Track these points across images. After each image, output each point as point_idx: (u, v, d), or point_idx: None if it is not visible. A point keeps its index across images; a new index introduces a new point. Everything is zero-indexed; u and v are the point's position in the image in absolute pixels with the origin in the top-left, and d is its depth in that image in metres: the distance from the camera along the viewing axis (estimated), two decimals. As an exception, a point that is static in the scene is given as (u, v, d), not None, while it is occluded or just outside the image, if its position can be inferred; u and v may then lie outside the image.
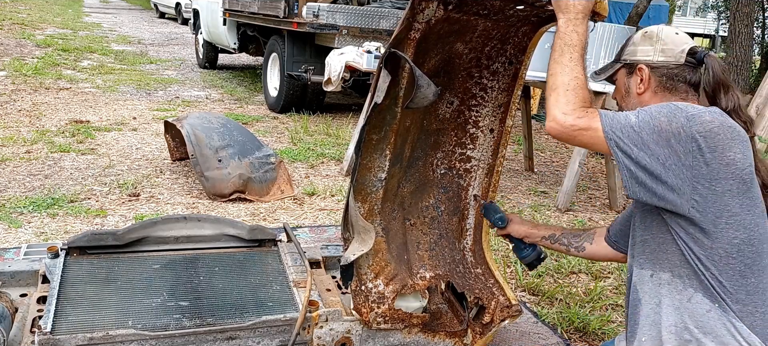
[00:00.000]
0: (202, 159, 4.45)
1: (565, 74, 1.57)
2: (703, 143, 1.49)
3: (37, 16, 16.24)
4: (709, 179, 1.51)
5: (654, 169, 1.50)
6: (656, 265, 1.66)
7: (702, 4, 20.14)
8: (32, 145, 5.40)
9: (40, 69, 9.01)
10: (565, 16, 1.61)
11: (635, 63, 1.76)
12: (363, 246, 1.94)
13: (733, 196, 1.53)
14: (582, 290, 3.49)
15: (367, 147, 1.94)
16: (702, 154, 1.49)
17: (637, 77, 1.76)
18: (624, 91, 1.82)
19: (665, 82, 1.72)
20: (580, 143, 1.60)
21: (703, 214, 1.53)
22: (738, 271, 1.56)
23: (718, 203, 1.52)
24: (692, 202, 1.52)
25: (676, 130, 1.49)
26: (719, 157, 1.50)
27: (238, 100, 8.57)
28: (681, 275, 1.61)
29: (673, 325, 1.61)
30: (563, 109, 1.55)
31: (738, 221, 1.54)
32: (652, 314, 1.67)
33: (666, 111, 1.53)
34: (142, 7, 26.34)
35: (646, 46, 1.75)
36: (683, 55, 1.71)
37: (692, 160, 1.49)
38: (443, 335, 2.13)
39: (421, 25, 1.78)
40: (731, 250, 1.55)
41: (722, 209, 1.53)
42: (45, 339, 1.67)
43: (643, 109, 1.57)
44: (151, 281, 2.06)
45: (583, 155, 4.84)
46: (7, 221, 3.74)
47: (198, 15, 11.12)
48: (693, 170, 1.50)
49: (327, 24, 6.97)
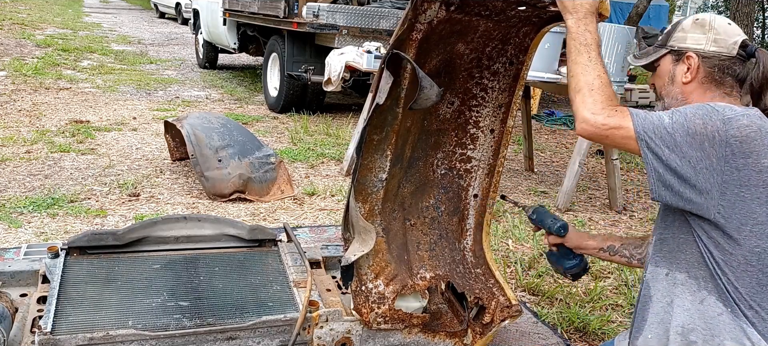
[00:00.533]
0: (202, 159, 4.45)
1: (588, 73, 1.54)
2: (738, 148, 1.45)
3: (37, 16, 16.23)
4: (738, 184, 1.47)
5: (684, 172, 1.47)
6: (673, 264, 1.64)
7: (702, 4, 20.15)
8: (32, 145, 5.40)
9: (40, 69, 9.00)
10: (573, 16, 1.58)
11: (684, 50, 1.67)
12: (363, 246, 1.94)
13: (761, 204, 1.50)
14: (582, 290, 3.49)
15: (368, 147, 1.94)
16: (734, 160, 1.46)
17: (685, 66, 1.67)
18: (667, 79, 1.72)
19: (714, 74, 1.64)
20: (612, 142, 1.55)
21: (727, 219, 1.50)
22: (756, 279, 1.53)
23: (745, 209, 1.49)
24: (719, 207, 1.49)
25: (711, 134, 1.46)
26: (753, 163, 1.47)
27: (238, 100, 8.57)
28: (697, 276, 1.59)
29: (681, 325, 1.60)
30: (592, 109, 1.51)
31: (762, 230, 1.51)
32: (662, 312, 1.65)
33: (702, 113, 1.49)
34: (142, 7, 26.34)
35: (698, 34, 1.66)
36: (736, 47, 1.62)
37: (724, 165, 1.46)
38: (443, 335, 2.13)
39: (423, 26, 1.78)
40: (751, 258, 1.52)
41: (748, 216, 1.50)
42: (45, 339, 1.67)
43: (677, 110, 1.52)
44: (151, 281, 2.06)
45: (583, 155, 4.84)
46: (7, 221, 3.73)
47: (198, 15, 11.12)
48: (723, 175, 1.47)
49: (327, 24, 6.97)
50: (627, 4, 13.18)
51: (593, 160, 6.73)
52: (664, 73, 1.73)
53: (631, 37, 4.74)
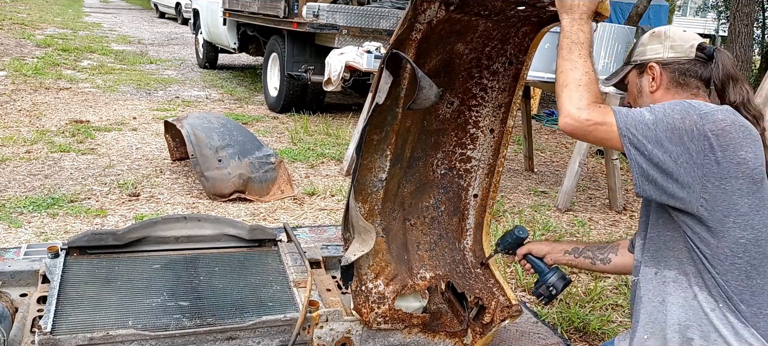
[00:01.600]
0: (202, 159, 4.45)
1: (576, 70, 1.56)
2: (715, 142, 1.49)
3: (37, 16, 16.23)
4: (719, 177, 1.51)
5: (666, 166, 1.50)
6: (661, 263, 1.66)
7: (702, 4, 20.12)
8: (32, 145, 5.40)
9: (40, 69, 9.00)
10: (569, 16, 1.61)
11: (646, 62, 1.78)
12: (363, 246, 1.94)
13: (742, 195, 1.53)
14: (582, 290, 3.49)
15: (368, 147, 1.94)
16: (713, 153, 1.49)
17: (649, 76, 1.77)
18: (636, 92, 1.82)
19: (677, 78, 1.73)
20: (594, 139, 1.58)
21: (710, 213, 1.53)
22: (744, 271, 1.56)
23: (726, 201, 1.52)
24: (701, 200, 1.52)
25: (689, 128, 1.49)
26: (730, 156, 1.50)
27: (238, 100, 8.57)
28: (686, 272, 1.61)
29: (677, 323, 1.61)
30: (577, 105, 1.54)
31: (746, 221, 1.54)
32: (655, 312, 1.67)
33: (679, 108, 1.53)
34: (142, 7, 26.34)
35: (656, 45, 1.77)
36: (693, 50, 1.72)
37: (703, 159, 1.49)
38: (443, 335, 2.13)
39: (422, 26, 1.78)
40: (737, 250, 1.55)
41: (730, 208, 1.53)
42: (45, 339, 1.67)
43: (657, 106, 1.56)
44: (151, 281, 2.06)
45: (583, 155, 4.83)
46: (7, 221, 3.73)
47: (198, 15, 11.12)
48: (703, 169, 1.50)
49: (327, 24, 6.97)
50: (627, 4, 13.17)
51: (593, 160, 6.74)
52: (633, 88, 1.84)
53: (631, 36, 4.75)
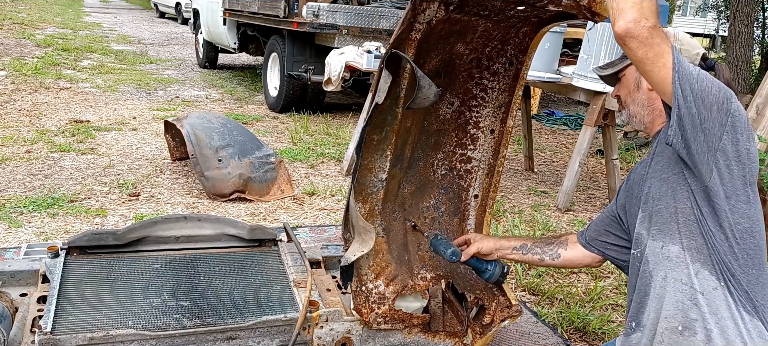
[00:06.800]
0: (202, 159, 4.45)
1: None
2: (734, 123, 1.51)
3: (37, 16, 16.23)
4: (729, 157, 1.53)
5: (698, 120, 1.49)
6: (666, 236, 1.66)
7: (702, 4, 20.10)
8: (32, 145, 5.40)
9: (40, 69, 9.00)
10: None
11: None
12: (363, 247, 1.94)
13: (744, 184, 1.56)
14: (582, 290, 3.49)
15: (368, 148, 1.94)
16: (733, 132, 1.52)
17: None
18: (633, 86, 1.82)
19: None
20: (643, 56, 1.46)
21: (718, 188, 1.54)
22: (742, 256, 1.58)
23: (732, 183, 1.55)
24: (714, 170, 1.54)
25: (721, 101, 1.50)
26: (743, 143, 1.53)
27: (238, 100, 8.57)
28: (690, 247, 1.62)
29: (680, 301, 1.62)
30: (645, 14, 1.42)
31: (744, 210, 1.57)
32: (658, 287, 1.68)
33: (716, 82, 1.53)
34: (142, 7, 26.34)
35: None
36: (698, 57, 1.74)
37: (722, 133, 1.51)
38: (443, 335, 2.13)
39: (422, 26, 1.78)
40: (737, 234, 1.57)
41: (734, 191, 1.55)
42: (45, 339, 1.67)
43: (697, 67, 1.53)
44: (151, 280, 2.06)
45: (583, 155, 4.84)
46: (7, 220, 3.73)
47: (198, 15, 11.12)
48: (721, 142, 1.52)
49: (327, 24, 6.97)
50: (627, 4, 13.16)
51: (593, 160, 6.74)
52: (630, 82, 1.83)
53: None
